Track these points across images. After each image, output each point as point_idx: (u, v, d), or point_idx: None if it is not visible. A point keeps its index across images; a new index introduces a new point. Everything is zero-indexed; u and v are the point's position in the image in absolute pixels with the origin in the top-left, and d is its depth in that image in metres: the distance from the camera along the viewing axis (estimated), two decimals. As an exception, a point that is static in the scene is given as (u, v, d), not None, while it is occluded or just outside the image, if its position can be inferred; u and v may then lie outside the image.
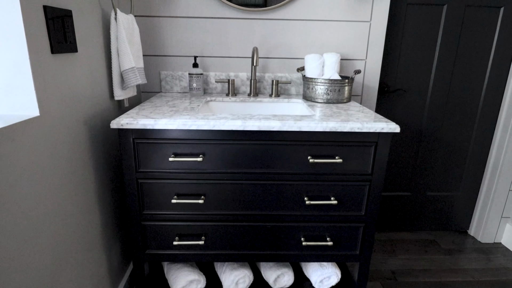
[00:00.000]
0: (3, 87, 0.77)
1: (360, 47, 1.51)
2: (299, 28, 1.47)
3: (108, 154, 1.20)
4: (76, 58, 0.96)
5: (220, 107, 1.41)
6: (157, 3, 1.42)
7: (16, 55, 0.75)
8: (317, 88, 1.34)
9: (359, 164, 1.06)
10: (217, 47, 1.48)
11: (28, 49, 0.75)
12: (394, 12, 1.53)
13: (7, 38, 0.74)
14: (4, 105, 0.78)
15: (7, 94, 0.77)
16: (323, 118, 1.05)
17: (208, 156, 1.04)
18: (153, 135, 1.01)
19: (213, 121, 0.99)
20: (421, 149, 1.77)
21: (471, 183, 1.85)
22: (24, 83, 0.77)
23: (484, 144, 1.78)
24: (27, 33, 0.75)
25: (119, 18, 1.13)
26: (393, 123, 1.01)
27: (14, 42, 0.74)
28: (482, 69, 1.65)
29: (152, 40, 1.47)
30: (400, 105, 1.68)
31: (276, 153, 1.04)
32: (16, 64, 0.76)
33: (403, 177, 1.82)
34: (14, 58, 0.75)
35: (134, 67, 1.19)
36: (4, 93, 0.77)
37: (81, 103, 0.99)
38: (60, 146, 0.88)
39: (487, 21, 1.58)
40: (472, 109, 1.72)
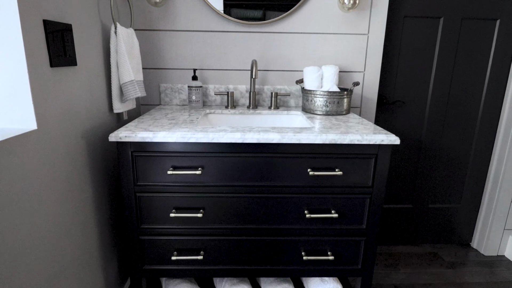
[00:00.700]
0: (1, 100, 0.77)
1: (358, 60, 1.52)
2: (297, 41, 1.48)
3: (106, 167, 1.19)
4: (75, 71, 0.96)
5: (219, 119, 1.41)
6: (157, 17, 1.44)
7: (15, 68, 0.75)
8: (316, 100, 1.34)
9: (359, 176, 1.05)
10: (216, 60, 1.49)
11: (27, 63, 0.75)
12: (391, 25, 1.55)
13: (6, 51, 0.74)
14: (1, 118, 0.78)
15: (5, 107, 0.77)
16: (323, 130, 1.05)
17: (207, 169, 1.03)
18: (152, 148, 1.00)
19: (212, 133, 0.98)
20: (421, 160, 1.76)
21: (472, 195, 1.84)
22: (22, 97, 0.77)
23: (484, 155, 1.77)
24: (26, 47, 0.75)
25: (119, 32, 1.14)
26: (393, 135, 1.01)
27: (13, 56, 0.74)
28: (480, 80, 1.66)
29: (152, 53, 1.48)
30: (399, 116, 1.69)
31: (275, 166, 1.04)
32: (14, 77, 0.76)
33: (404, 189, 1.81)
34: (13, 72, 0.75)
35: (134, 80, 1.19)
36: (2, 106, 0.77)
37: (79, 116, 0.99)
38: (58, 159, 0.88)
39: (483, 34, 1.60)
40: (471, 121, 1.72)
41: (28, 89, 0.77)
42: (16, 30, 0.73)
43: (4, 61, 0.75)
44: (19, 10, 0.72)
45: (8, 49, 0.74)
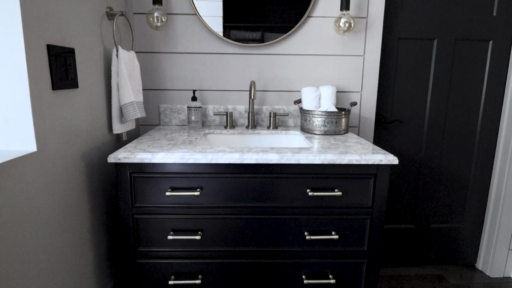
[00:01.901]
0: (3, 122, 0.77)
1: (355, 80, 1.54)
2: (295, 62, 1.51)
3: (104, 189, 1.18)
4: (76, 93, 0.98)
5: (219, 139, 1.41)
6: (158, 40, 1.48)
7: (18, 91, 0.76)
8: (314, 120, 1.35)
9: (359, 196, 1.05)
10: (215, 81, 1.52)
11: (30, 86, 0.77)
12: (386, 47, 1.59)
13: (10, 75, 0.75)
14: (1, 140, 0.78)
15: (6, 129, 0.78)
16: (321, 150, 1.05)
17: (206, 190, 1.02)
18: (151, 169, 1.00)
19: (210, 154, 0.98)
20: (421, 179, 1.75)
21: (475, 214, 1.81)
22: (23, 119, 0.78)
23: (485, 173, 1.77)
24: (30, 71, 0.76)
25: (121, 55, 1.17)
26: (391, 155, 1.01)
27: (16, 79, 0.76)
28: (476, 99, 1.68)
29: (152, 75, 1.51)
30: (398, 136, 1.69)
31: (274, 187, 1.03)
32: (17, 100, 0.77)
33: (405, 209, 1.79)
34: (15, 95, 0.76)
35: (134, 101, 1.21)
36: (3, 128, 0.78)
37: (79, 137, 0.99)
38: (56, 181, 0.87)
39: (477, 54, 1.63)
40: (469, 139, 1.72)
41: (29, 112, 0.78)
42: (20, 54, 0.75)
43: (7, 84, 0.76)
44: (24, 36, 0.75)
45: (12, 72, 0.75)
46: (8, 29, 0.73)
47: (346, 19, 1.37)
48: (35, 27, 0.78)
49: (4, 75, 0.75)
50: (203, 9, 1.43)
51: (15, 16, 0.73)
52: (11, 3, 0.73)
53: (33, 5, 0.77)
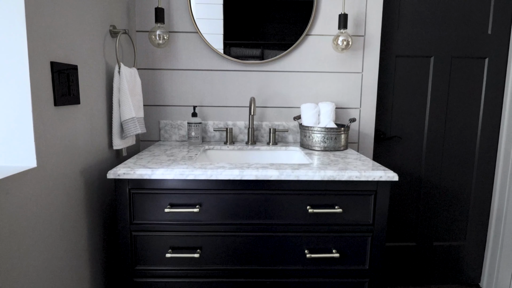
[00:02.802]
0: (4, 138, 0.78)
1: (354, 96, 1.56)
2: (294, 79, 1.53)
3: (102, 205, 1.17)
4: (78, 109, 0.99)
5: (218, 155, 1.41)
6: (160, 57, 1.50)
7: (20, 107, 0.77)
8: (314, 136, 1.36)
9: (359, 214, 1.04)
10: (216, 97, 1.54)
11: (32, 102, 0.77)
12: (384, 64, 1.62)
13: (13, 91, 0.76)
14: (2, 156, 0.78)
15: (6, 144, 0.78)
16: (321, 166, 1.05)
17: (205, 207, 1.02)
18: (150, 185, 1.00)
19: (210, 170, 0.98)
20: (422, 196, 1.74)
21: (477, 232, 1.79)
22: (24, 135, 0.78)
23: (486, 190, 1.76)
24: (33, 87, 0.77)
25: (123, 71, 1.18)
26: (391, 171, 1.01)
27: (19, 95, 0.76)
28: (474, 115, 1.70)
29: (154, 91, 1.52)
30: (397, 152, 1.70)
31: (274, 203, 1.02)
32: (18, 116, 0.77)
33: (406, 226, 1.77)
34: (17, 110, 0.77)
35: (134, 117, 1.21)
36: (4, 143, 0.78)
37: (79, 153, 0.99)
38: (55, 198, 0.87)
39: (474, 71, 1.66)
40: (469, 155, 1.73)
41: (31, 128, 0.78)
42: (24, 71, 0.76)
43: (10, 99, 0.77)
44: (29, 53, 0.76)
45: (15, 88, 0.76)
46: (13, 46, 0.75)
47: (344, 37, 1.40)
48: (40, 45, 0.80)
49: (7, 91, 0.76)
50: (204, 27, 1.47)
51: (21, 34, 0.75)
52: (17, 21, 0.74)
53: (38, 23, 0.79)
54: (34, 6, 0.77)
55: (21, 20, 0.74)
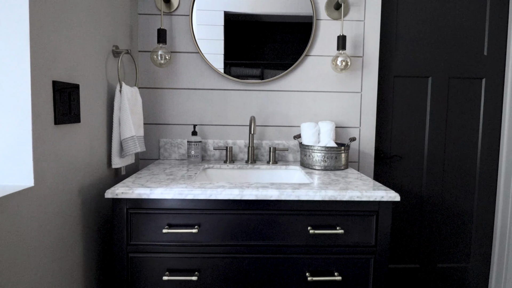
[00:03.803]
0: (2, 156, 0.77)
1: (354, 116, 1.57)
2: (294, 98, 1.55)
3: (99, 226, 1.15)
4: (78, 128, 0.98)
5: (218, 174, 1.40)
6: (161, 77, 1.52)
7: (20, 126, 0.77)
8: (314, 155, 1.35)
9: (361, 235, 1.02)
10: (216, 116, 1.54)
11: (32, 121, 0.77)
12: (383, 84, 1.64)
13: (14, 109, 0.76)
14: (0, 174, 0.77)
15: (4, 163, 0.77)
16: (322, 186, 1.04)
17: (204, 227, 1.00)
18: (148, 205, 0.98)
19: (210, 190, 0.97)
20: (424, 216, 1.72)
21: (481, 253, 1.76)
22: (23, 154, 0.77)
23: (488, 210, 1.74)
24: (33, 106, 0.78)
25: (124, 90, 1.19)
26: (393, 192, 1.00)
27: (20, 114, 0.76)
28: (474, 134, 1.70)
29: (154, 109, 1.53)
30: (398, 171, 1.69)
31: (274, 224, 1.00)
32: (18, 134, 0.77)
33: (409, 248, 1.73)
34: (17, 129, 0.77)
35: (134, 136, 1.21)
36: (2, 162, 0.77)
37: (77, 172, 0.99)
38: (51, 217, 0.85)
39: (471, 91, 1.68)
40: (470, 174, 1.72)
41: (29, 147, 0.77)
42: (25, 90, 0.76)
43: (10, 118, 0.76)
44: (31, 73, 0.76)
45: (16, 107, 0.76)
46: (16, 65, 0.76)
47: (343, 58, 1.43)
48: (43, 64, 0.81)
49: (8, 110, 0.76)
50: (205, 47, 1.49)
51: (24, 53, 0.76)
52: (21, 41, 0.75)
53: (42, 43, 0.80)
54: (39, 26, 0.79)
55: (25, 40, 0.75)
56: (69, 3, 0.92)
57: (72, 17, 0.94)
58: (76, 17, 0.96)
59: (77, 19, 0.97)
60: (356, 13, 1.54)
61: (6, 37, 0.75)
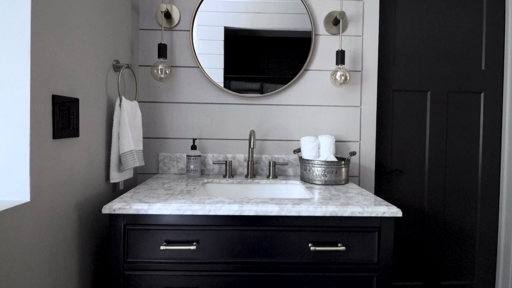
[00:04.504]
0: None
1: (353, 130, 1.57)
2: (294, 112, 1.55)
3: (95, 241, 1.13)
4: (76, 142, 0.98)
5: (217, 189, 1.39)
6: (161, 91, 1.52)
7: (17, 140, 0.76)
8: (314, 170, 1.34)
9: (363, 252, 0.99)
10: (215, 129, 1.54)
11: (30, 136, 0.77)
12: (382, 98, 1.64)
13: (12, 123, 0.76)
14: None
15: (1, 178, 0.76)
16: (322, 201, 1.03)
17: (202, 244, 0.97)
18: (146, 221, 0.96)
19: (209, 205, 0.95)
20: (426, 232, 1.69)
21: (485, 270, 1.72)
22: (20, 168, 0.76)
23: (491, 225, 1.71)
24: (32, 121, 0.77)
25: (124, 104, 1.19)
26: (394, 207, 0.98)
27: (18, 128, 0.76)
28: (474, 149, 1.69)
29: (154, 124, 1.53)
30: (399, 186, 1.67)
31: (274, 240, 0.98)
32: (15, 149, 0.76)
33: (412, 265, 1.70)
34: (15, 144, 0.76)
35: (133, 150, 1.20)
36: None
37: (74, 186, 0.97)
38: (46, 233, 0.83)
39: (470, 105, 1.68)
40: (471, 189, 1.70)
41: (27, 162, 0.76)
42: (25, 104, 0.76)
43: (8, 132, 0.76)
44: (31, 87, 0.76)
45: (15, 121, 0.76)
46: (16, 80, 0.75)
47: (342, 72, 1.44)
48: (43, 79, 0.81)
49: (6, 124, 0.76)
50: (205, 61, 1.50)
51: (24, 68, 0.76)
52: (21, 55, 0.75)
53: (43, 57, 0.80)
54: (40, 41, 0.79)
55: (25, 54, 0.75)
56: (71, 18, 0.93)
57: (73, 32, 0.94)
58: (77, 32, 0.97)
59: (79, 34, 0.98)
60: (354, 28, 1.56)
61: (6, 51, 0.75)
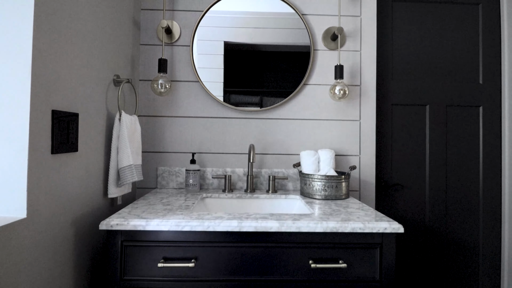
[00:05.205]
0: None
1: (353, 144, 1.56)
2: (293, 126, 1.55)
3: (92, 258, 1.11)
4: (75, 157, 0.97)
5: (216, 204, 1.37)
6: (161, 105, 1.53)
7: (16, 156, 0.75)
8: (314, 184, 1.33)
9: (365, 269, 0.97)
10: (215, 144, 1.54)
11: (29, 151, 0.76)
12: (381, 112, 1.65)
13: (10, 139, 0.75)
14: (-11, 208, 0.75)
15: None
16: (323, 217, 1.01)
17: (201, 261, 0.96)
18: (143, 237, 0.95)
19: (207, 221, 0.94)
20: (429, 248, 1.67)
21: (489, 284, 1.69)
22: (17, 185, 0.75)
23: (494, 240, 1.69)
24: (31, 136, 0.77)
25: (123, 119, 1.19)
26: (396, 223, 0.97)
27: (16, 144, 0.75)
28: (475, 162, 1.69)
29: (153, 138, 1.52)
30: (400, 200, 1.66)
31: (274, 257, 0.96)
32: (13, 165, 0.75)
33: (414, 282, 1.66)
34: (13, 159, 0.75)
35: (132, 165, 1.20)
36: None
37: (72, 202, 0.96)
38: (42, 250, 0.81)
39: (469, 119, 1.69)
40: (473, 203, 1.69)
41: (24, 178, 0.76)
42: (24, 119, 0.76)
43: (6, 147, 0.75)
44: (31, 103, 0.76)
45: (13, 136, 0.75)
46: (16, 96, 0.76)
47: (340, 86, 1.45)
48: (43, 95, 0.81)
49: (5, 139, 0.75)
50: (205, 75, 1.52)
51: (25, 83, 0.76)
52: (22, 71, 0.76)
53: (43, 73, 0.81)
54: (41, 56, 0.80)
55: (26, 70, 0.76)
56: (73, 34, 0.94)
57: (75, 48, 0.95)
58: (79, 48, 0.98)
59: (80, 50, 0.98)
60: (352, 43, 1.58)
61: (8, 67, 0.76)
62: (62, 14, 0.89)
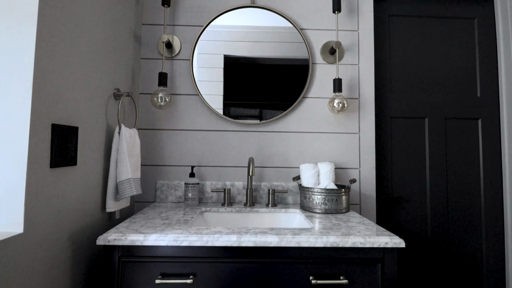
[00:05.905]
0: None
1: (353, 157, 1.56)
2: (292, 139, 1.55)
3: (89, 272, 1.09)
4: (73, 170, 0.97)
5: (215, 218, 1.36)
6: (160, 118, 1.53)
7: (14, 170, 0.75)
8: (314, 198, 1.32)
9: (367, 285, 0.96)
10: (214, 157, 1.53)
11: (28, 165, 0.76)
12: (380, 125, 1.65)
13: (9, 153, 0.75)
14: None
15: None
16: (323, 231, 1.00)
17: (199, 277, 0.94)
18: (141, 253, 0.93)
19: (206, 236, 0.93)
20: (431, 262, 1.64)
21: (493, 300, 1.65)
22: (15, 199, 0.75)
23: (498, 253, 1.67)
24: (30, 150, 0.76)
25: (123, 132, 1.19)
26: (397, 237, 0.96)
27: (15, 157, 0.75)
28: (475, 174, 1.68)
29: (152, 151, 1.52)
30: (401, 214, 1.64)
31: (274, 273, 0.95)
32: (11, 179, 0.75)
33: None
34: (11, 173, 0.75)
35: (131, 178, 1.19)
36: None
37: (69, 216, 0.95)
38: (39, 266, 0.80)
39: (468, 131, 1.69)
40: (475, 215, 1.67)
41: (22, 192, 0.75)
42: (23, 134, 0.76)
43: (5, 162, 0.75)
44: (31, 116, 0.76)
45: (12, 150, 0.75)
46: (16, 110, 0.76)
47: (339, 100, 1.45)
48: (43, 109, 0.81)
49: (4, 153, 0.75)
50: (204, 88, 1.53)
51: (26, 98, 0.76)
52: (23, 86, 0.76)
53: (44, 87, 0.81)
54: (42, 72, 0.80)
55: (27, 85, 0.76)
56: (74, 49, 0.95)
57: (76, 62, 0.96)
58: (80, 62, 0.98)
59: (81, 64, 0.99)
60: (351, 57, 1.59)
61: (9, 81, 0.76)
62: (64, 30, 0.90)
